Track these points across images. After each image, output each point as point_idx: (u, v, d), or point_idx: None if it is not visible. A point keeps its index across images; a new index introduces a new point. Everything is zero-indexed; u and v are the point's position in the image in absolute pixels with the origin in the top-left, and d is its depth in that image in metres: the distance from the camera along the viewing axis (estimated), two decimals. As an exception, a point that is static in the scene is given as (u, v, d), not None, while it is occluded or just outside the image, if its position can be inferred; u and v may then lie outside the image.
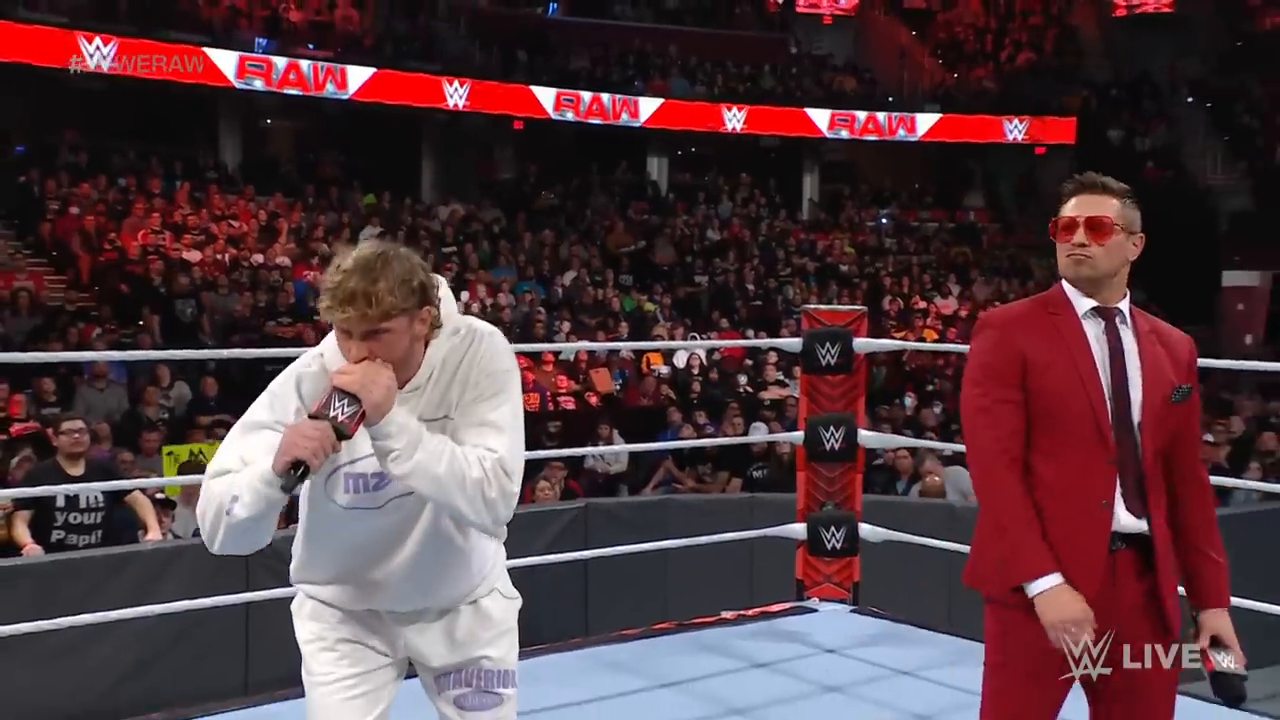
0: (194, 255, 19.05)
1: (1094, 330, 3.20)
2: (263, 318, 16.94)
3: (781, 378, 16.99)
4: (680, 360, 17.53)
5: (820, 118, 28.11)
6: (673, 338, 18.98)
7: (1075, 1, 33.33)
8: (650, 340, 18.53)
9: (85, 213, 19.69)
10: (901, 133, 28.69)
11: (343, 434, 2.64)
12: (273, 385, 2.91)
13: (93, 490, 7.34)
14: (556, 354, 16.31)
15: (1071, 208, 3.32)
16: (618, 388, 16.89)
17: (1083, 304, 3.23)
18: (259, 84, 22.43)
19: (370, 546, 2.92)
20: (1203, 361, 6.98)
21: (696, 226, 26.05)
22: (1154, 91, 30.28)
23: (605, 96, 26.14)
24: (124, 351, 13.86)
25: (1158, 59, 30.77)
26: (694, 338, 19.41)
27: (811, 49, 31.84)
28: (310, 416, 2.66)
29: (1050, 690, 3.12)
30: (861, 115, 28.24)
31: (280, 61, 22.56)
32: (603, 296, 21.04)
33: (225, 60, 22.02)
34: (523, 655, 3.17)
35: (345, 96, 23.24)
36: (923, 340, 20.60)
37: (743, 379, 17.46)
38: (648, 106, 26.65)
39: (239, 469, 2.76)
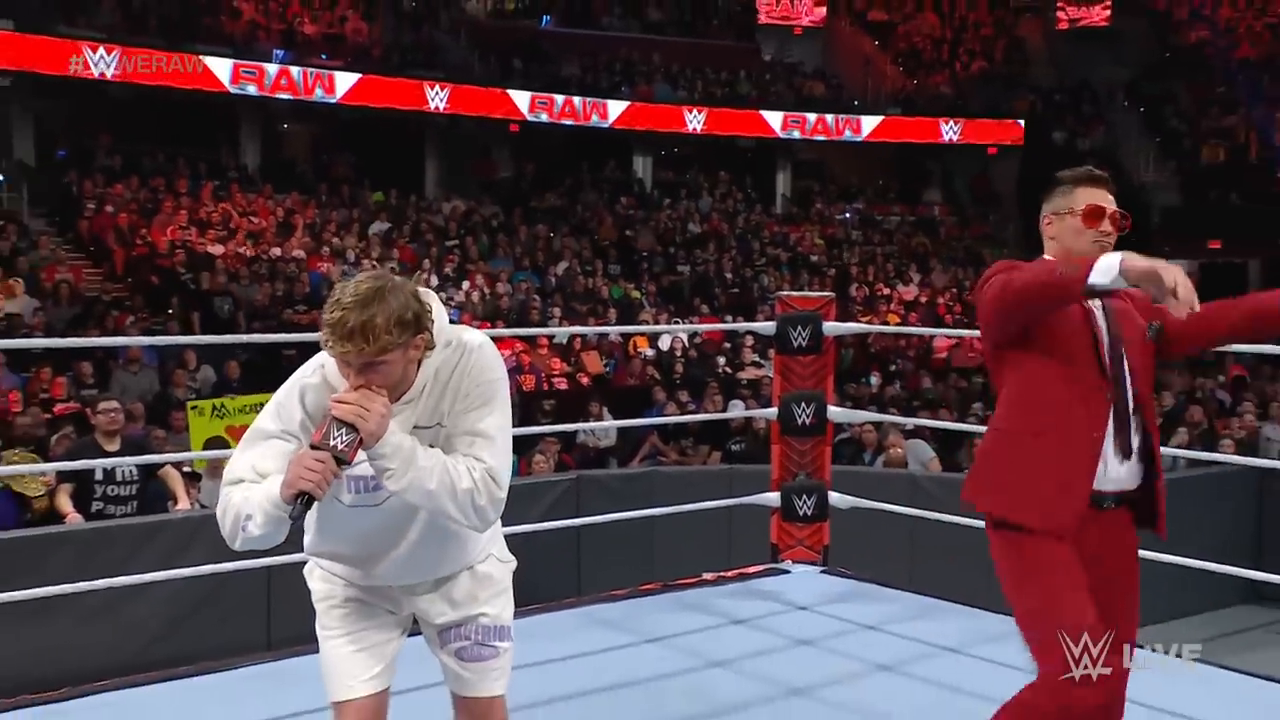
0: (218, 249, 19.03)
1: (1095, 309, 3.22)
2: (280, 306, 16.94)
3: (757, 359, 16.99)
4: (664, 343, 17.53)
5: (774, 119, 28.08)
6: (657, 323, 18.99)
7: (1022, 15, 33.49)
8: (636, 325, 18.55)
9: (119, 211, 19.68)
10: (848, 133, 28.73)
11: (343, 461, 2.65)
12: (278, 395, 2.89)
13: (127, 465, 7.36)
14: (550, 338, 16.33)
15: (1098, 197, 3.27)
16: (607, 369, 16.88)
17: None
18: (252, 89, 22.30)
19: (373, 538, 2.92)
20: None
21: (678, 220, 26.03)
22: (1093, 97, 30.40)
23: (577, 100, 26.02)
24: (154, 337, 13.84)
25: (1096, 68, 30.95)
26: (677, 322, 19.41)
27: (783, 57, 31.80)
28: (312, 447, 2.65)
29: (1072, 567, 3.13)
30: (812, 117, 28.26)
31: (272, 69, 22.41)
32: (592, 285, 21.03)
33: (220, 67, 21.89)
34: (520, 614, 3.17)
35: (334, 100, 23.11)
36: (886, 324, 20.61)
37: (721, 360, 17.46)
38: (615, 108, 26.55)
39: (252, 478, 2.77)
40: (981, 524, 3.35)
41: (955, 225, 29.45)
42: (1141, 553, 5.90)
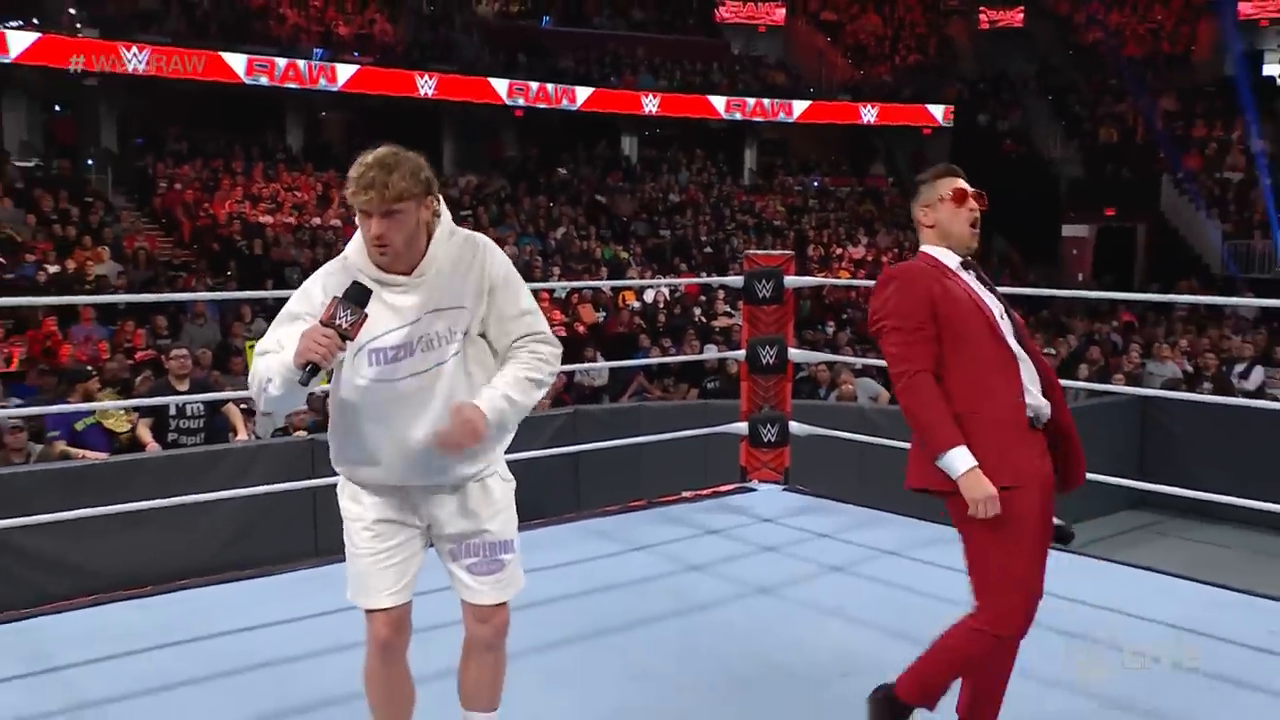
0: (267, 219, 19.00)
1: (969, 276, 3.19)
2: (320, 266, 16.89)
3: (728, 309, 16.98)
4: (649, 296, 17.53)
5: (719, 102, 27.77)
6: (642, 279, 18.96)
7: (951, 16, 33.54)
8: (625, 281, 18.53)
9: (186, 188, 19.71)
10: (782, 115, 28.47)
11: (346, 337, 2.64)
12: (305, 283, 2.89)
13: (196, 402, 7.37)
14: (550, 293, 16.29)
15: (958, 182, 3.25)
16: (600, 319, 16.87)
17: (953, 260, 3.20)
18: (264, 80, 21.92)
19: (393, 419, 2.79)
20: (1046, 291, 7.01)
21: (660, 191, 25.95)
22: (1010, 86, 30.46)
23: (550, 86, 25.65)
24: (216, 293, 13.82)
25: (1012, 62, 31.03)
26: (659, 279, 19.38)
27: (750, 51, 31.62)
28: (321, 323, 2.64)
29: (1038, 529, 3.14)
30: (750, 101, 27.98)
31: (281, 61, 22.01)
32: (587, 247, 21.00)
33: (236, 61, 21.55)
34: (527, 527, 3.18)
35: (335, 89, 22.77)
36: (839, 278, 20.61)
37: (698, 310, 17.45)
38: (582, 94, 26.19)
39: (277, 350, 2.75)
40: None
41: (897, 195, 29.38)
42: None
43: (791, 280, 6.49)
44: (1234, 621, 4.46)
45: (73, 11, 20.51)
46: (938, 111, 29.15)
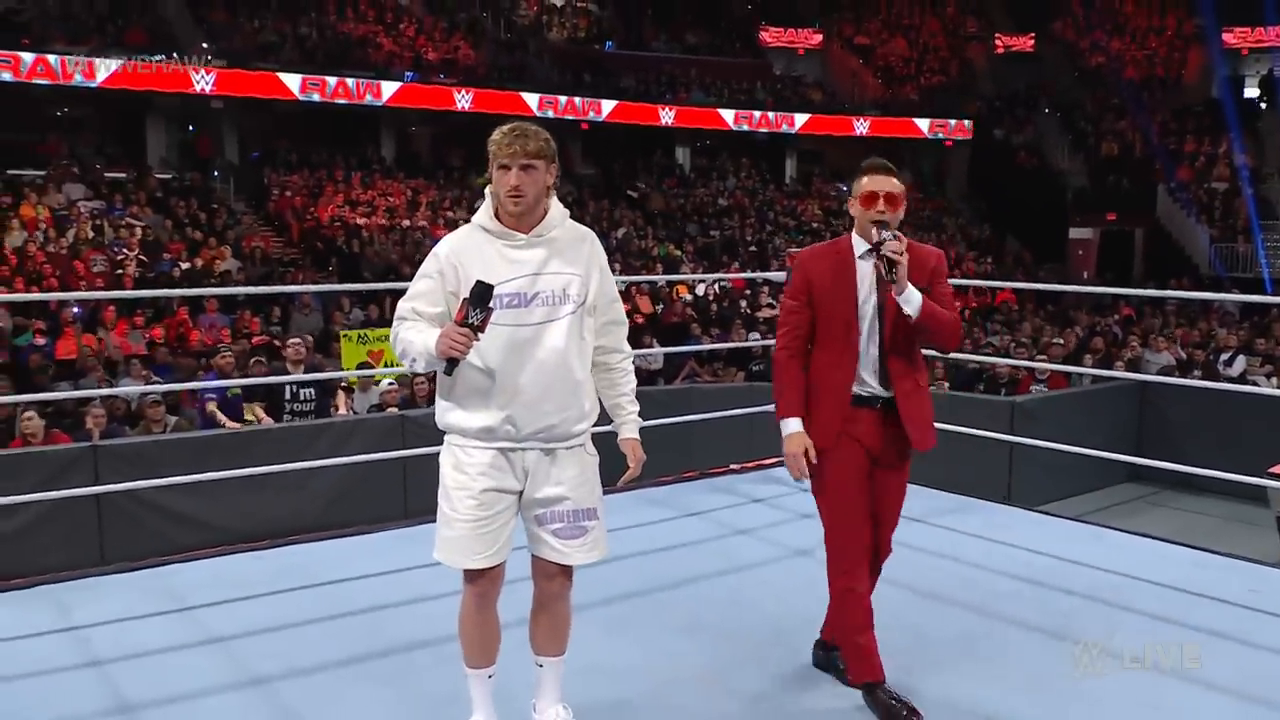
0: (364, 221, 19.16)
1: (864, 268, 3.22)
2: (409, 263, 17.05)
3: (771, 301, 16.94)
4: (700, 290, 17.50)
5: (728, 115, 27.22)
6: (694, 274, 18.94)
7: (970, 41, 33.15)
8: (679, 275, 18.52)
9: (295, 195, 19.91)
10: (785, 127, 27.91)
11: (479, 331, 2.72)
12: (435, 248, 2.94)
13: (308, 386, 7.49)
14: (614, 286, 16.31)
15: (869, 184, 3.25)
16: (656, 310, 16.90)
17: (860, 247, 3.25)
18: (316, 96, 21.52)
19: (504, 364, 2.80)
20: (1055, 287, 6.95)
21: (710, 196, 25.86)
22: (1023, 104, 30.13)
23: (577, 100, 24.90)
24: (320, 286, 14.00)
25: (1025, 82, 30.72)
26: (709, 274, 19.35)
27: (790, 72, 31.40)
28: (455, 323, 2.71)
29: (864, 486, 3.29)
30: (757, 114, 27.43)
31: (331, 80, 21.64)
32: (644, 246, 20.98)
33: (292, 81, 21.20)
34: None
35: (380, 104, 22.30)
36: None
37: (744, 302, 17.42)
38: (607, 106, 25.43)
39: (412, 318, 2.84)
40: (944, 426, 3.44)
41: (921, 200, 29.12)
42: (1053, 445, 5.94)
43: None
44: (1217, 581, 4.43)
45: (205, 46, 20.84)
46: (924, 124, 28.88)
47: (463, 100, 23.08)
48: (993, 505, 5.78)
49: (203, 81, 19.98)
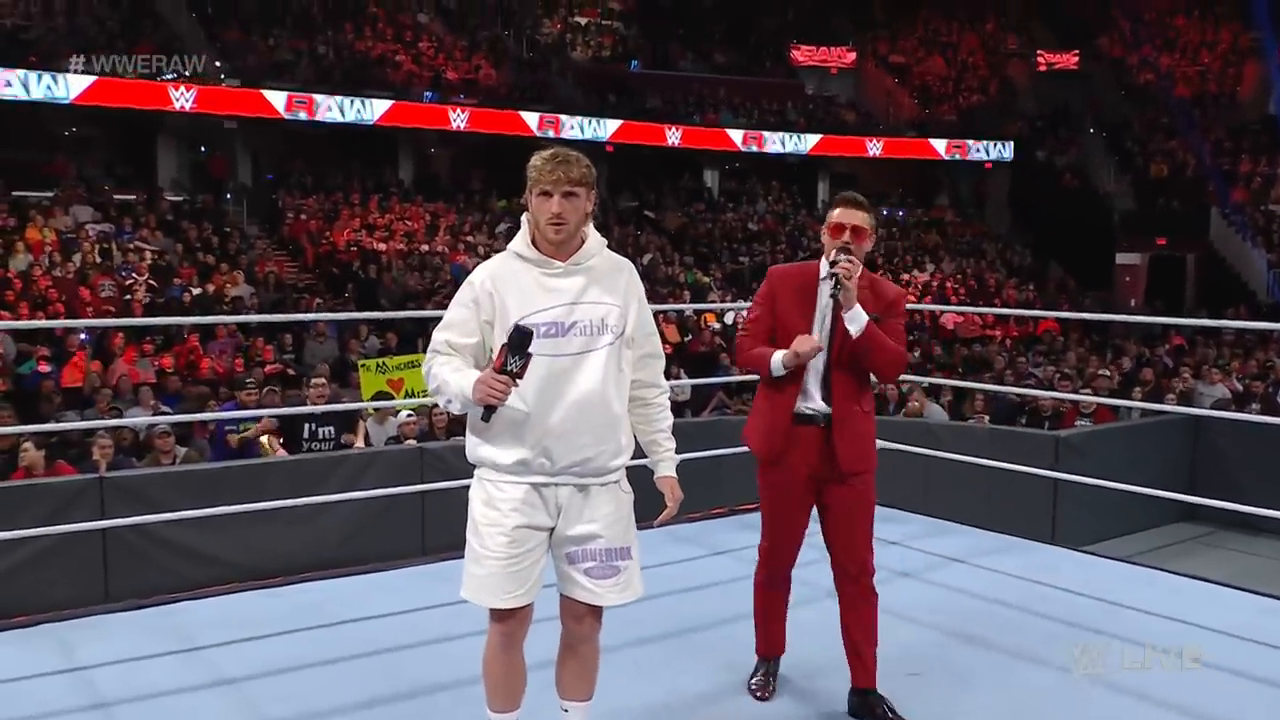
0: (382, 246, 19.28)
1: (825, 290, 3.52)
2: (427, 290, 17.14)
3: (801, 331, 16.91)
4: (729, 318, 17.50)
5: (736, 135, 27.05)
6: (723, 302, 18.95)
7: (1010, 58, 33.15)
8: (706, 303, 18.53)
9: (310, 218, 20.06)
10: (794, 147, 27.87)
11: (517, 378, 2.74)
12: (470, 276, 2.96)
13: (328, 423, 7.56)
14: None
15: (838, 216, 3.54)
16: (684, 339, 16.90)
17: (824, 272, 3.56)
18: (303, 115, 21.45)
19: (540, 395, 2.81)
20: (1102, 316, 6.95)
21: (740, 221, 25.91)
22: (1067, 124, 30.06)
23: (579, 118, 24.75)
24: (336, 314, 14.08)
25: (1069, 101, 30.63)
26: (739, 302, 19.34)
27: (823, 92, 31.51)
28: (494, 370, 2.73)
29: (797, 503, 3.64)
30: (768, 135, 27.38)
31: (320, 99, 21.56)
32: (672, 273, 21.02)
33: (277, 99, 21.15)
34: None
35: (370, 122, 22.22)
36: (908, 302, 20.34)
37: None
38: (610, 126, 25.35)
39: (446, 351, 2.89)
40: (985, 461, 3.49)
41: (959, 224, 29.06)
42: (1100, 482, 5.89)
43: (862, 305, 6.44)
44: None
45: (218, 64, 21.10)
46: (940, 146, 28.81)
47: (458, 120, 23.17)
48: (1036, 545, 5.75)
49: (182, 99, 20.07)
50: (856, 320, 3.43)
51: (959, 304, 21.09)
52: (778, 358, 3.49)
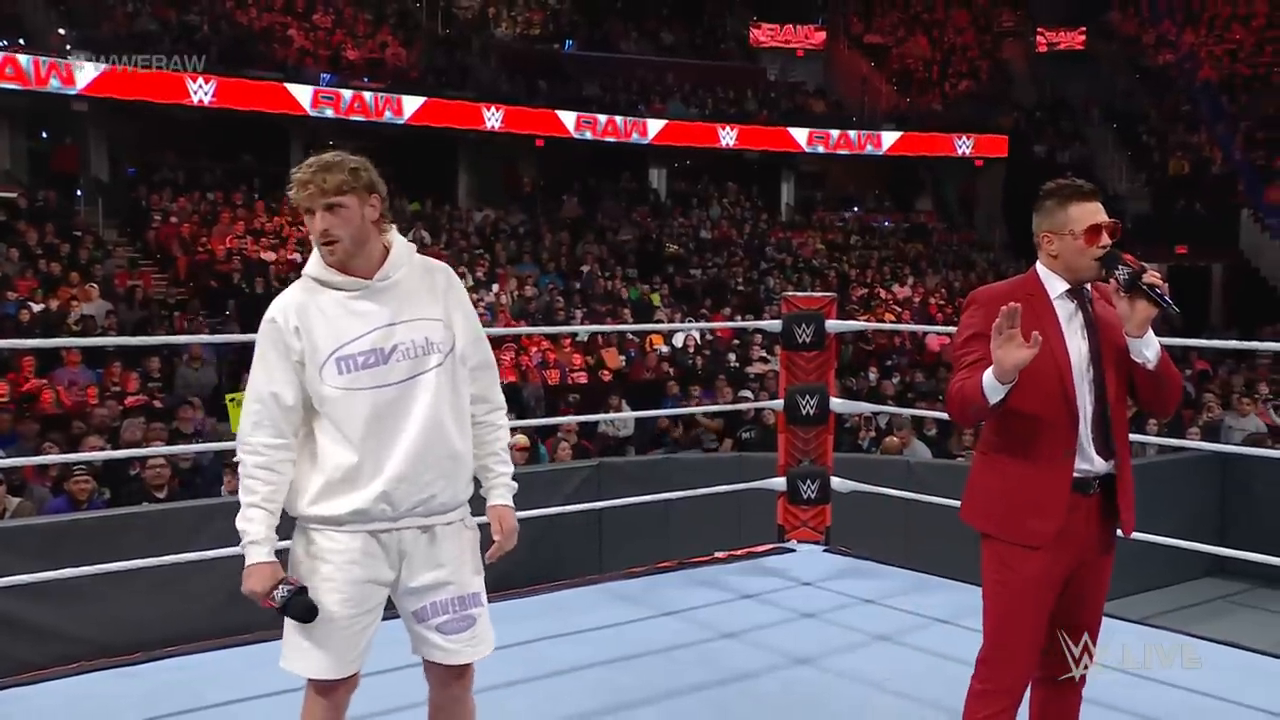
0: (270, 255, 19.11)
1: (1065, 310, 3.14)
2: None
3: (764, 354, 16.97)
4: (678, 340, 17.53)
5: (800, 135, 27.92)
6: (671, 321, 18.97)
7: (1005, 39, 33.55)
8: (653, 323, 18.54)
9: (182, 221, 19.85)
10: (870, 148, 28.54)
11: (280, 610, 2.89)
12: (266, 315, 2.94)
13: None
14: (573, 336, 16.32)
15: (1089, 213, 3.19)
16: (625, 364, 16.89)
17: (1057, 287, 3.17)
18: (330, 112, 22.46)
19: (370, 433, 2.83)
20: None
21: (691, 228, 26.04)
22: (1070, 114, 30.37)
23: (619, 119, 26.05)
24: (214, 336, 13.87)
25: (1073, 87, 30.92)
26: (690, 321, 19.39)
27: (787, 77, 31.81)
28: (263, 597, 2.89)
29: (1040, 600, 3.12)
30: (835, 133, 28.09)
31: (347, 94, 22.62)
32: (612, 287, 21.05)
33: (302, 93, 22.10)
34: (547, 588, 3.18)
35: (401, 121, 23.27)
36: (883, 322, 20.56)
37: (731, 356, 17.45)
38: (654, 126, 26.49)
39: (267, 426, 2.88)
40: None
41: (945, 231, 29.42)
42: (1118, 533, 5.87)
43: (833, 324, 6.48)
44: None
45: (62, 32, 20.76)
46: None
47: (493, 120, 23.87)
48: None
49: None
50: (1151, 344, 3.06)
51: (944, 323, 21.28)
52: (988, 376, 2.95)
